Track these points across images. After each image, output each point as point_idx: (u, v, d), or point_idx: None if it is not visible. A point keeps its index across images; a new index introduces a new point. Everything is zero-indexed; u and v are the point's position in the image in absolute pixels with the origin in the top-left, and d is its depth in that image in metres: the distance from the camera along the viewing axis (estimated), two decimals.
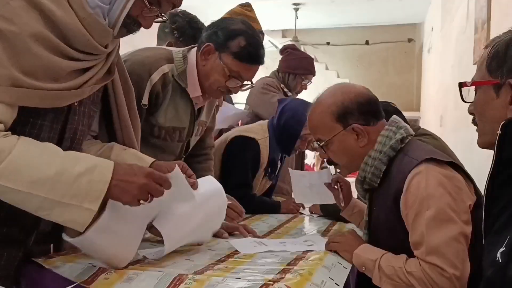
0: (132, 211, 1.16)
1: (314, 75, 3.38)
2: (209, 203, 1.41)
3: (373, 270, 1.40)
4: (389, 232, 1.47)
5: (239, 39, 1.74)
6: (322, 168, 6.94)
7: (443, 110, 5.45)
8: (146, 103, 1.70)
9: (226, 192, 2.40)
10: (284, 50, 3.38)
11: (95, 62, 1.20)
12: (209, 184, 1.46)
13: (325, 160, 1.69)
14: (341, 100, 1.54)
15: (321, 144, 1.58)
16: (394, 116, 1.60)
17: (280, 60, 3.38)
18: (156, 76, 1.72)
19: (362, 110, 1.53)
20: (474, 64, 3.53)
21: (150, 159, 1.33)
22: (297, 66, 3.29)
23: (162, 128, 1.80)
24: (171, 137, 1.84)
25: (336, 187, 1.88)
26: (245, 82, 1.81)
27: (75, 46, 1.13)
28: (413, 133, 1.55)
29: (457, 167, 1.44)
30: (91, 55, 1.18)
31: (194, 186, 1.32)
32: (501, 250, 0.91)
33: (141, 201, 1.13)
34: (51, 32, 1.08)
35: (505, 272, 0.88)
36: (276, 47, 3.84)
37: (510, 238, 0.91)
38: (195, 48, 1.83)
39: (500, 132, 1.01)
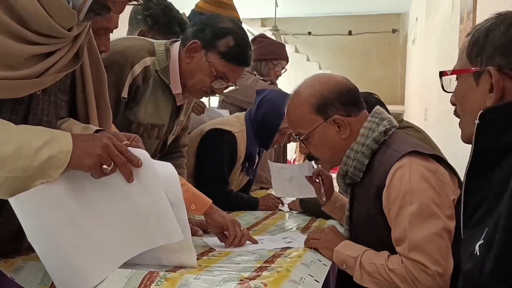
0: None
1: (287, 60, 3.40)
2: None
3: (354, 268, 1.42)
4: (371, 228, 1.49)
5: (228, 38, 1.74)
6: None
7: (427, 103, 5.53)
8: (126, 96, 1.69)
9: (201, 188, 2.42)
10: (254, 40, 3.40)
11: (59, 46, 1.15)
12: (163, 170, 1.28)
13: (305, 155, 1.69)
14: (320, 91, 1.55)
15: (301, 138, 1.58)
16: (377, 107, 1.62)
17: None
18: (138, 69, 1.70)
19: (343, 101, 1.54)
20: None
21: (97, 128, 1.27)
22: (268, 51, 3.32)
23: (141, 125, 1.79)
24: (149, 134, 1.83)
25: (317, 180, 1.90)
26: (229, 84, 1.82)
27: (33, 28, 1.07)
28: (397, 125, 1.57)
29: (441, 160, 1.46)
30: (53, 38, 1.12)
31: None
32: (479, 243, 0.93)
33: (104, 166, 1.08)
34: (4, 12, 1.02)
35: (483, 265, 0.90)
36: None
37: (488, 230, 0.93)
38: (178, 43, 1.81)
39: (478, 122, 1.03)
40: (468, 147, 1.11)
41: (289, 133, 2.59)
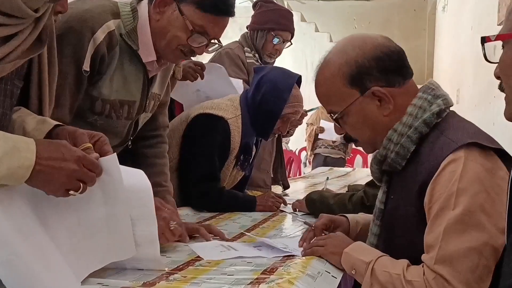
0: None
1: (290, 31, 3.24)
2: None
3: (364, 275, 1.42)
4: (407, 228, 1.46)
5: None
6: (314, 154, 7.01)
7: (460, 83, 5.54)
8: (88, 69, 1.68)
9: (187, 185, 2.42)
10: (255, 5, 3.32)
11: (20, 28, 1.16)
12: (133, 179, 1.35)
13: (342, 136, 1.66)
14: (354, 58, 1.50)
15: (334, 117, 1.56)
16: (431, 80, 1.58)
17: (251, 18, 3.32)
18: (100, 35, 1.69)
19: (383, 68, 1.49)
20: (499, 25, 3.58)
21: (55, 122, 1.29)
22: (266, 19, 3.17)
23: (107, 102, 1.78)
24: (117, 113, 1.82)
25: (325, 233, 1.80)
26: (210, 40, 1.80)
27: None
28: (452, 104, 1.52)
29: (507, 157, 1.41)
30: (15, 18, 1.13)
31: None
32: None
33: (71, 192, 1.12)
34: None
35: None
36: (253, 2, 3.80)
37: None
38: (146, 1, 1.81)
39: None
40: (509, 135, 1.09)
41: (292, 120, 2.59)
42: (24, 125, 1.25)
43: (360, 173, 4.99)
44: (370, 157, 1.62)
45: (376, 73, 1.49)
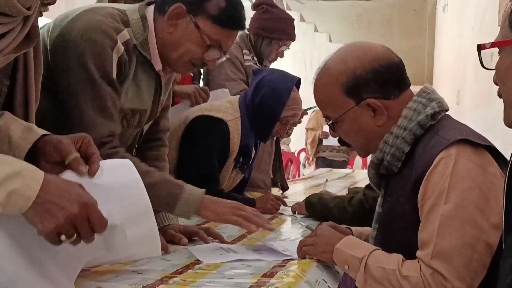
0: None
1: (294, 40, 3.38)
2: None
3: (358, 271, 1.43)
4: (404, 228, 1.49)
5: None
6: (317, 157, 6.99)
7: (461, 84, 5.55)
8: (115, 76, 1.69)
9: None
10: (258, 6, 3.33)
11: (12, 26, 1.16)
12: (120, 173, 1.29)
13: (337, 139, 1.70)
14: (352, 69, 1.54)
15: (329, 123, 1.60)
16: (426, 84, 1.61)
17: (252, 18, 3.34)
18: (120, 44, 1.70)
19: (380, 80, 1.53)
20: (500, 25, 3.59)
21: (42, 131, 1.25)
22: (274, 28, 3.26)
23: (120, 111, 1.78)
24: (129, 122, 1.83)
25: None
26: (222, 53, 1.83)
27: None
28: (448, 108, 1.56)
29: (498, 155, 1.44)
30: (7, 16, 1.14)
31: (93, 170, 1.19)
32: None
33: (63, 237, 1.05)
34: None
35: None
36: (252, 1, 3.77)
37: None
38: (152, 8, 1.81)
39: None
40: (510, 137, 1.11)
41: (291, 123, 2.60)
42: (10, 133, 1.21)
43: (359, 174, 5.00)
44: (370, 159, 1.66)
45: (373, 85, 1.53)
